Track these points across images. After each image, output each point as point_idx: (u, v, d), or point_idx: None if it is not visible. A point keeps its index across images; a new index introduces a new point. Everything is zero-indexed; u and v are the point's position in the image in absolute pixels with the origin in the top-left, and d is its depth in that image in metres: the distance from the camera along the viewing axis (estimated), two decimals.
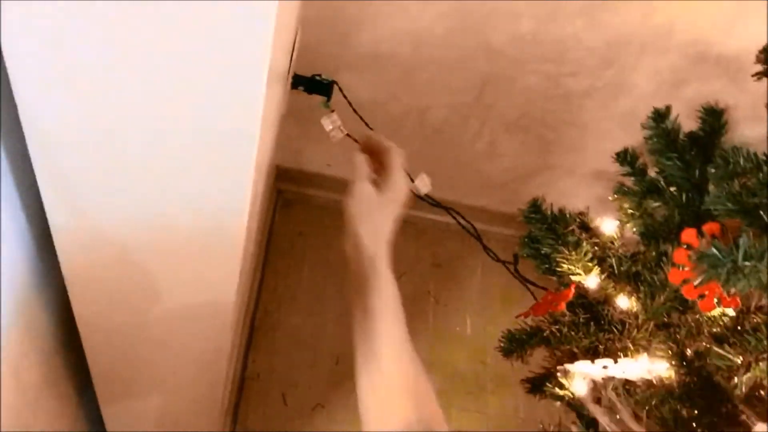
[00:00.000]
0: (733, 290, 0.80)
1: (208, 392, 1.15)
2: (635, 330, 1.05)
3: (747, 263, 0.60)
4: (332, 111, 1.45)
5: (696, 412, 0.81)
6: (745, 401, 0.74)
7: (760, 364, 0.66)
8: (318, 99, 1.45)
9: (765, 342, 0.65)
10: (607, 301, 1.12)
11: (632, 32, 1.34)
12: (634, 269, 1.12)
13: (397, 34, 1.40)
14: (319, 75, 1.42)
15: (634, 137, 1.10)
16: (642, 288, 1.07)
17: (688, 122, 1.05)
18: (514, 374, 1.16)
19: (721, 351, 0.71)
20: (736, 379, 0.69)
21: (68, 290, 0.79)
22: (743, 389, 0.70)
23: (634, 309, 1.07)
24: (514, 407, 1.58)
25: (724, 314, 0.94)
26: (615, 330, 1.07)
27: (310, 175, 1.80)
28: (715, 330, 0.91)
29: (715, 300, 0.86)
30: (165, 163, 0.64)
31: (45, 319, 0.84)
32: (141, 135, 0.60)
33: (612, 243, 1.14)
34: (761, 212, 0.75)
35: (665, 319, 1.03)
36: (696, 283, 0.76)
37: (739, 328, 0.75)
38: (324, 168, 1.78)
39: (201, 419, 1.16)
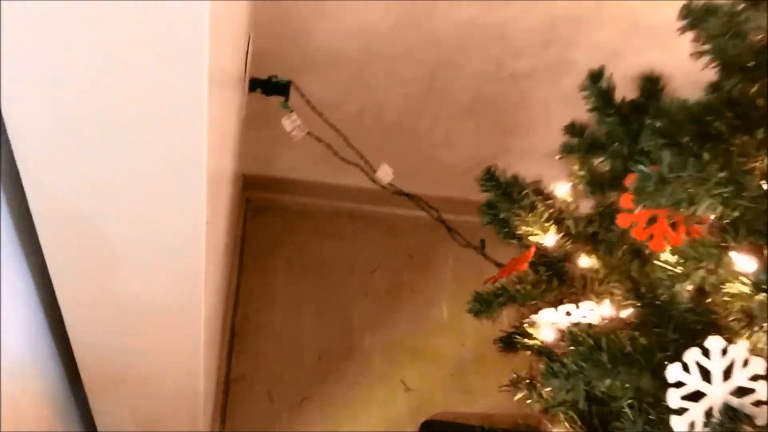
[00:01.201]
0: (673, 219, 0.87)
1: (189, 395, 1.18)
2: (597, 283, 1.11)
3: (671, 175, 0.67)
4: (291, 111, 1.52)
5: (652, 340, 0.87)
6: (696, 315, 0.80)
7: (699, 271, 0.72)
8: (277, 101, 1.52)
9: (702, 249, 0.71)
10: (567, 258, 1.18)
11: (566, 11, 1.42)
12: (590, 230, 1.19)
13: (346, 32, 1.47)
14: (275, 76, 1.48)
15: (581, 114, 1.17)
16: (600, 246, 1.13)
17: (630, 94, 1.12)
18: (492, 352, 1.21)
19: (661, 263, 0.77)
20: (677, 287, 0.75)
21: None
22: (684, 295, 0.76)
23: (595, 266, 1.13)
24: (496, 382, 1.63)
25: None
26: (577, 285, 1.13)
27: (276, 180, 1.85)
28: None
29: (665, 238, 0.92)
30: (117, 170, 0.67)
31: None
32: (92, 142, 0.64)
33: (566, 205, 1.21)
34: (689, 143, 0.82)
35: (626, 272, 1.09)
36: (636, 209, 0.82)
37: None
38: (289, 172, 1.83)
39: (184, 421, 1.18)
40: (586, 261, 1.14)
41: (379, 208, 1.90)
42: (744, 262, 0.69)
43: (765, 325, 0.91)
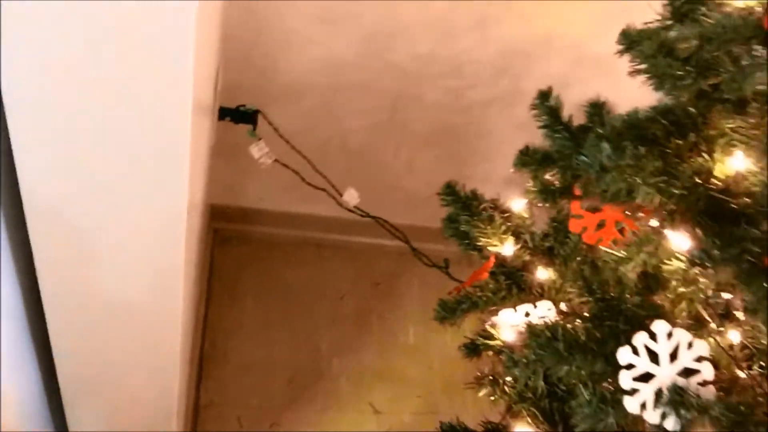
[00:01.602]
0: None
1: (163, 407, 1.19)
2: (554, 291, 1.17)
3: (610, 163, 0.74)
4: (259, 139, 1.57)
5: (605, 331, 0.93)
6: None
7: (641, 254, 0.78)
8: (245, 132, 1.57)
9: (643, 235, 0.78)
10: (525, 268, 1.24)
11: (518, 42, 1.52)
12: (546, 244, 1.25)
13: (310, 64, 1.54)
14: (243, 106, 1.54)
15: (535, 141, 1.25)
16: (556, 260, 1.20)
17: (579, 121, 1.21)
18: (460, 374, 1.24)
19: (607, 249, 0.84)
20: (621, 268, 0.81)
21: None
22: (630, 277, 0.82)
23: (552, 277, 1.19)
24: (463, 403, 1.66)
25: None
26: (536, 293, 1.19)
27: (243, 210, 1.88)
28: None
29: (613, 242, 0.99)
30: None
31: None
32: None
33: (522, 220, 1.28)
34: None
35: (579, 274, 1.15)
36: (583, 204, 0.89)
37: None
38: (257, 202, 1.87)
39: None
40: (543, 273, 1.21)
41: (345, 237, 1.95)
42: (680, 240, 0.76)
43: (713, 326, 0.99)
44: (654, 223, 0.81)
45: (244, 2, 1.43)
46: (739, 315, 1.12)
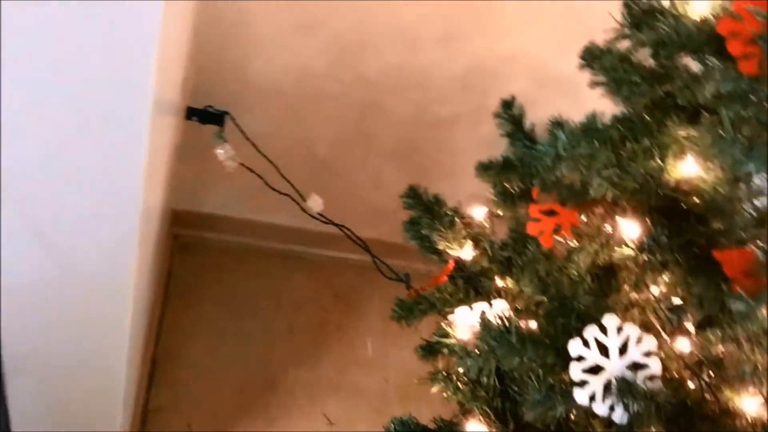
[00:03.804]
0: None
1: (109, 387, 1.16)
2: (511, 298, 1.19)
3: (565, 152, 0.76)
4: (225, 141, 1.57)
5: (557, 327, 0.94)
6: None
7: (592, 244, 0.80)
8: (209, 137, 1.57)
9: (595, 228, 0.80)
10: (483, 274, 1.25)
11: (483, 61, 1.56)
12: (505, 254, 1.27)
13: (281, 70, 1.56)
14: (211, 107, 1.54)
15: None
16: (514, 270, 1.22)
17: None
18: (415, 388, 1.24)
19: (559, 238, 0.85)
20: (573, 256, 0.83)
21: None
22: (581, 266, 0.84)
23: (509, 285, 1.21)
24: (417, 414, 1.65)
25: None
26: (493, 297, 1.20)
27: (205, 216, 1.87)
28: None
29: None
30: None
31: None
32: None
33: (483, 228, 1.30)
34: None
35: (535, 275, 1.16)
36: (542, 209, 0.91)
37: None
38: (219, 208, 1.86)
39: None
40: (500, 282, 1.22)
41: (307, 249, 1.94)
42: (630, 229, 0.78)
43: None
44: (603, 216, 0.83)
45: (218, 4, 1.45)
46: (690, 327, 1.15)
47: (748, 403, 0.85)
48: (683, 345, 1.14)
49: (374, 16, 1.47)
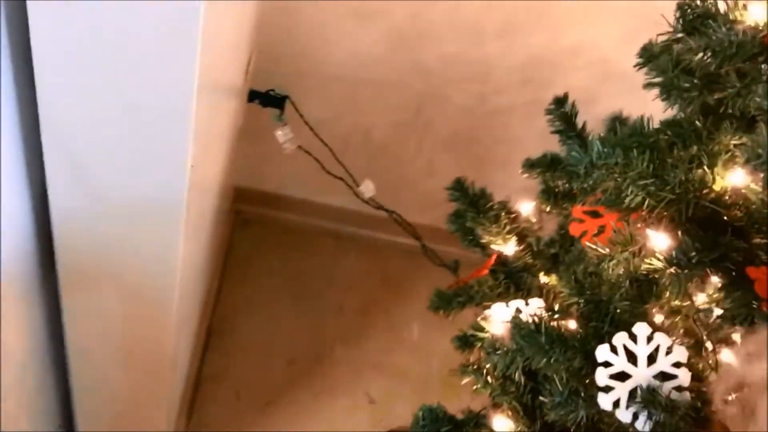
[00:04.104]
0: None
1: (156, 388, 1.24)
2: (553, 296, 1.19)
3: (600, 161, 0.76)
4: (285, 124, 1.62)
5: (588, 330, 0.94)
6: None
7: (624, 253, 0.80)
8: (271, 118, 1.62)
9: (628, 236, 0.80)
10: (526, 270, 1.26)
11: (544, 53, 1.54)
12: (552, 250, 1.27)
13: (341, 56, 1.59)
14: (273, 90, 1.60)
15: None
16: (560, 267, 1.22)
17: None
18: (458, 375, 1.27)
19: (590, 245, 0.86)
20: (603, 264, 0.83)
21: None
22: (611, 273, 0.84)
23: (553, 282, 1.21)
24: (458, 402, 1.68)
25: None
26: (533, 294, 1.21)
27: (266, 195, 1.94)
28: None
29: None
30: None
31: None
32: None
33: (530, 223, 1.30)
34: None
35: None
36: (578, 203, 0.91)
37: None
38: (279, 188, 1.93)
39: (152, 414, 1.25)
40: (545, 278, 1.23)
41: (361, 231, 1.98)
42: (659, 240, 0.78)
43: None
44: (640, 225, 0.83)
45: None
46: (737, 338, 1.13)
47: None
48: (727, 356, 1.13)
49: (434, 5, 1.48)
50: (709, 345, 1.02)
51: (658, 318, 0.89)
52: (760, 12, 0.88)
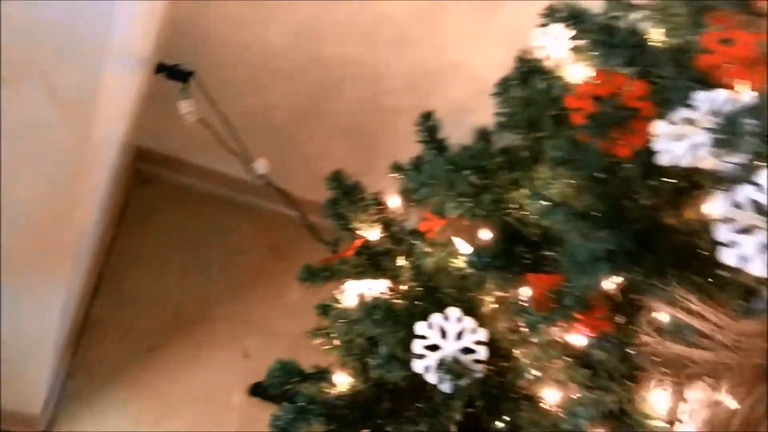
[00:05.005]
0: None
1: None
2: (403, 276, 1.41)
3: (430, 180, 0.97)
4: (189, 98, 1.76)
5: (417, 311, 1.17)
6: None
7: (441, 252, 1.03)
8: (178, 86, 1.75)
9: (445, 240, 1.02)
10: (387, 254, 1.47)
11: (429, 65, 1.75)
12: (412, 240, 1.49)
13: (248, 41, 1.73)
14: (180, 65, 1.72)
15: None
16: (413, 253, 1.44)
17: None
18: None
19: (418, 242, 1.08)
20: (419, 261, 1.05)
21: None
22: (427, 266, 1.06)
23: (406, 265, 1.43)
24: (324, 359, 1.91)
25: None
26: (389, 275, 1.43)
27: (167, 158, 2.06)
28: None
29: None
30: None
31: None
32: None
33: (395, 215, 1.52)
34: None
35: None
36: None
37: None
38: (178, 152, 2.05)
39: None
40: (401, 262, 1.44)
41: (255, 200, 2.15)
42: (463, 246, 1.00)
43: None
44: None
45: None
46: None
47: (547, 393, 1.09)
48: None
49: (337, 6, 1.65)
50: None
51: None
52: (577, 74, 1.11)
